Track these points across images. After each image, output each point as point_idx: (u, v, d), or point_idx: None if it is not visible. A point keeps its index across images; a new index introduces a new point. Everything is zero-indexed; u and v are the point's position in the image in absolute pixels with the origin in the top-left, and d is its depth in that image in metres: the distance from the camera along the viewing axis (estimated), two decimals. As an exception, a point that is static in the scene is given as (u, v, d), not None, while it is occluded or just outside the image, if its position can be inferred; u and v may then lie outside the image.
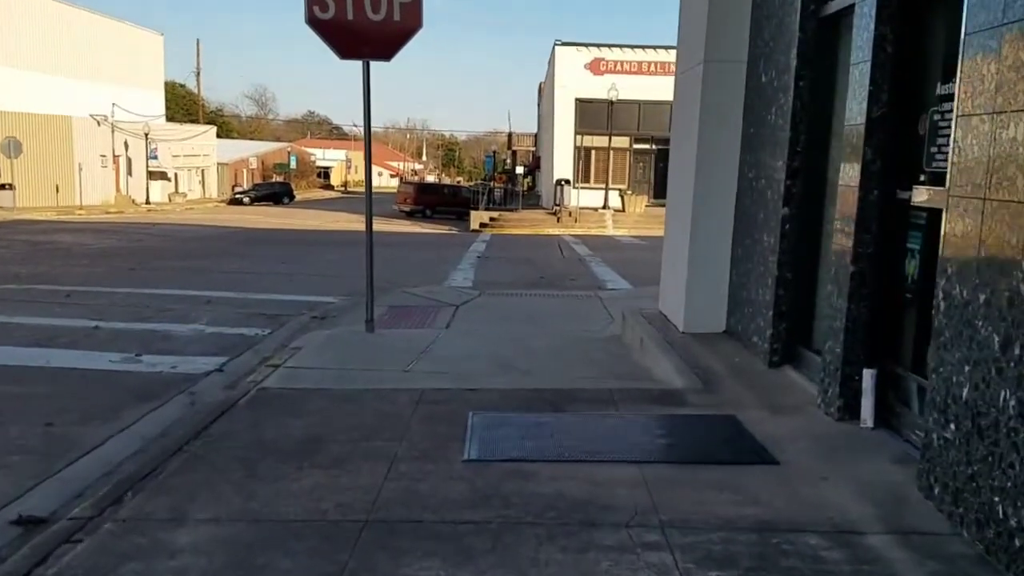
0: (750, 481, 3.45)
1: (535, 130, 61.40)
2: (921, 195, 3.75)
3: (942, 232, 3.22)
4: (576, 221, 28.04)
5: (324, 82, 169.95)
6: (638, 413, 4.43)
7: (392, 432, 4.05)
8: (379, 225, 29.66)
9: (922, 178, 3.86)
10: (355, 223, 30.99)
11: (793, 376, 5.03)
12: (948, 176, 3.21)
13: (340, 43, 6.79)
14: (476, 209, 30.76)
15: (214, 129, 56.37)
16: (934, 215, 3.80)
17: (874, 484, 3.39)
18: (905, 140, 3.98)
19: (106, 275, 12.09)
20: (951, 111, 3.32)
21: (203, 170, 54.13)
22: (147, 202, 41.16)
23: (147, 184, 42.79)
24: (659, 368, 5.57)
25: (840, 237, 4.26)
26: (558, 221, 28.31)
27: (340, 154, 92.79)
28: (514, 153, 61.40)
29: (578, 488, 3.37)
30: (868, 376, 4.06)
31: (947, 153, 3.29)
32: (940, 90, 3.70)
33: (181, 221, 27.90)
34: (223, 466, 3.63)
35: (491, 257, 16.21)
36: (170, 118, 57.28)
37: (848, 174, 4.22)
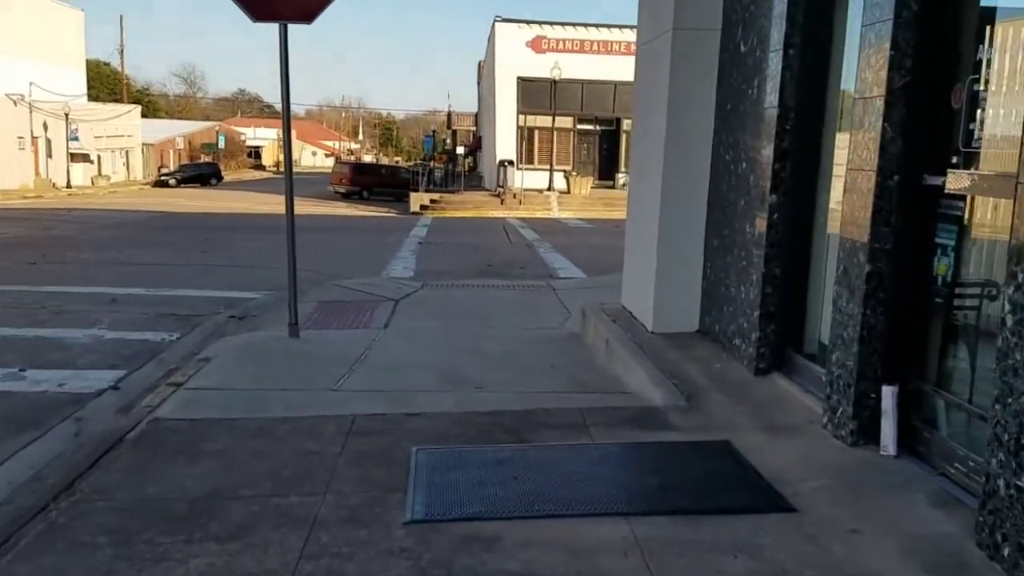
0: (767, 538, 2.76)
1: (475, 110, 60.29)
2: (960, 181, 3.09)
3: (1012, 229, 2.55)
4: (521, 203, 27.29)
5: (256, 59, 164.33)
6: (616, 442, 3.70)
7: (313, 481, 3.22)
8: (312, 207, 28.53)
9: (955, 160, 3.20)
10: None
11: (785, 386, 4.38)
12: (1021, 158, 2.54)
13: (253, 2, 5.82)
14: (416, 191, 29.69)
15: (138, 109, 53.67)
16: (974, 204, 3.16)
17: (919, 539, 2.73)
18: (933, 115, 3.32)
19: (3, 270, 10.80)
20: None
21: (127, 151, 51.62)
22: (68, 186, 38.74)
23: (68, 167, 40.30)
24: (632, 377, 4.86)
25: (852, 230, 3.59)
26: (502, 203, 27.53)
27: (272, 133, 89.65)
28: (454, 133, 60.26)
29: (554, 559, 2.62)
30: (888, 394, 3.41)
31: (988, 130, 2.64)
32: (985, 53, 3.04)
33: (101, 206, 26.09)
34: (88, 540, 2.76)
35: (433, 243, 15.34)
36: (94, 98, 54.14)
37: (860, 156, 3.54)
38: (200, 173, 50.87)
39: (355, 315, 7.79)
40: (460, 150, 60.59)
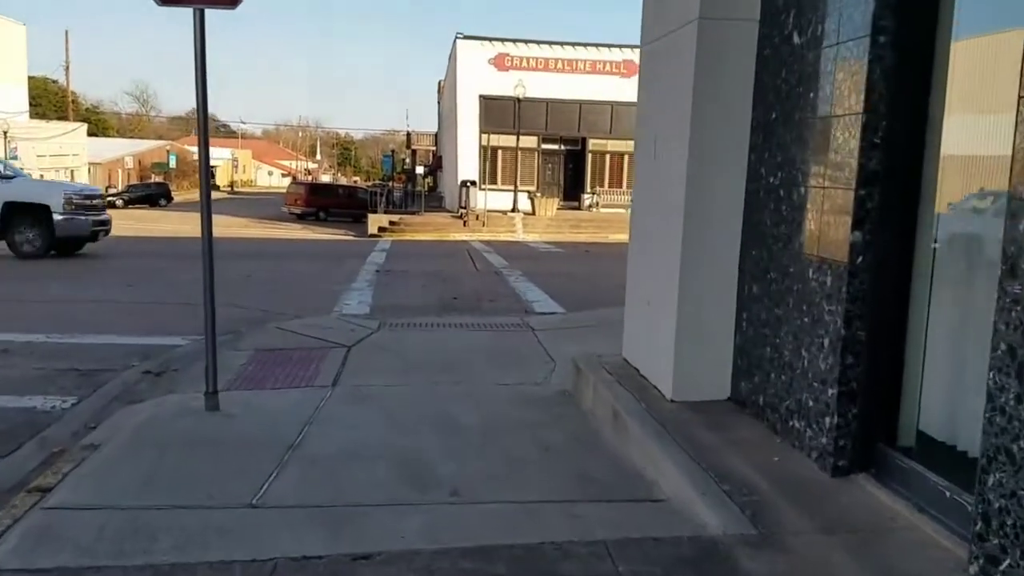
0: None
1: (435, 129, 59.16)
2: None
3: None
4: (484, 225, 26.10)
5: (211, 78, 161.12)
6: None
7: None
8: (265, 230, 26.96)
9: None
10: (237, 228, 27.95)
11: (883, 499, 3.18)
12: None
13: (159, -21, 4.52)
14: (374, 212, 28.33)
15: (84, 127, 51.45)
16: None
17: None
18: None
19: None
20: None
21: (72, 171, 49.42)
22: (3, 207, 36.47)
23: (5, 187, 37.99)
24: (661, 474, 3.62)
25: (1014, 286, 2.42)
26: (465, 225, 26.30)
27: (226, 153, 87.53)
28: (414, 153, 59.02)
29: None
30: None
31: None
32: None
33: (29, 228, 24.13)
34: None
35: (393, 271, 14.00)
36: (40, 115, 51.80)
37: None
38: (149, 193, 49.04)
39: (298, 368, 6.43)
40: (420, 170, 59.44)
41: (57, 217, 14.40)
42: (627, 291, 5.58)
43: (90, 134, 53.39)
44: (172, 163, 67.58)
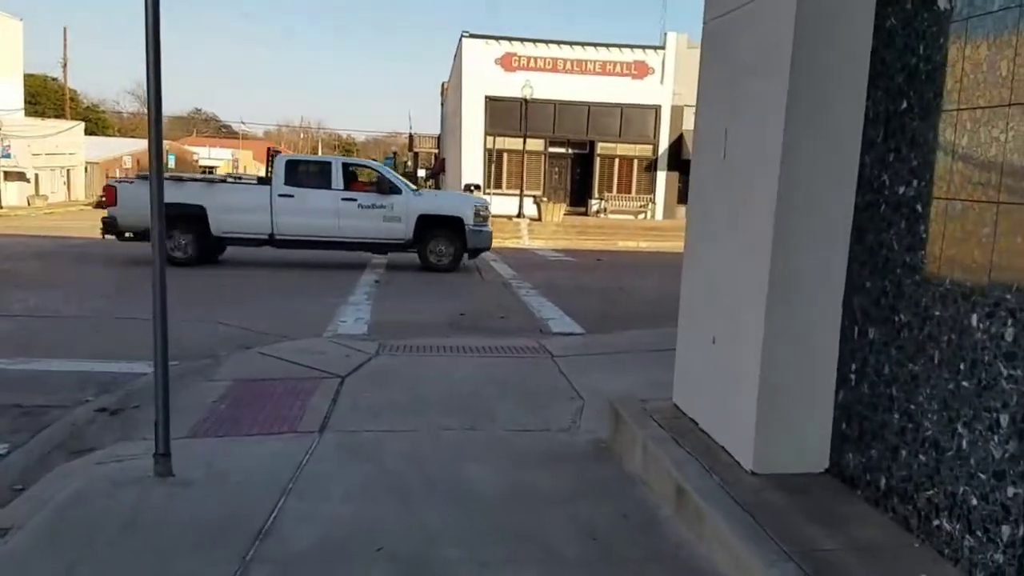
0: None
1: (438, 131, 58.22)
2: None
3: None
4: (488, 231, 25.06)
5: (212, 78, 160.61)
6: None
7: None
8: (260, 235, 25.85)
9: None
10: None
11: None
12: None
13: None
14: (375, 216, 27.30)
15: (81, 125, 50.47)
16: None
17: None
18: None
19: None
20: None
21: (69, 170, 48.55)
22: (-1, 206, 35.50)
23: (-1, 186, 37.05)
24: (765, 602, 2.61)
25: None
26: (468, 231, 25.27)
27: (226, 153, 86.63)
28: (416, 155, 58.15)
29: None
30: None
31: None
32: None
33: (24, 230, 23.13)
34: None
35: (392, 282, 12.97)
36: (39, 113, 50.80)
37: None
38: (146, 195, 47.95)
39: (281, 405, 5.42)
40: (422, 172, 58.51)
41: (469, 229, 14.28)
42: (681, 321, 4.57)
43: (89, 133, 52.46)
44: (171, 163, 66.71)
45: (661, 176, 29.85)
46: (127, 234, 14.14)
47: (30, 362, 6.59)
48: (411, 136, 58.01)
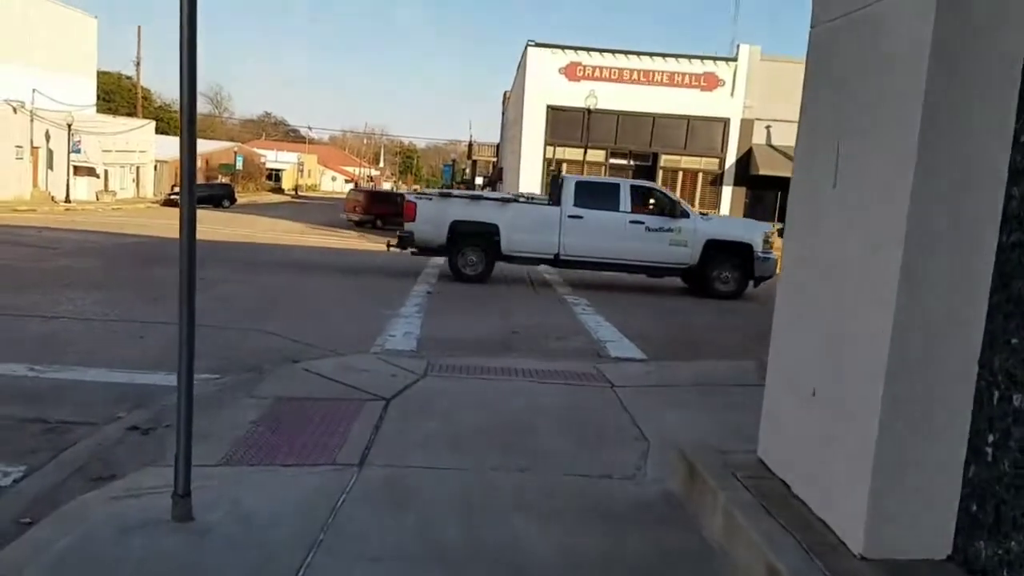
0: None
1: (497, 140, 58.13)
2: None
3: None
4: (546, 243, 24.59)
5: (283, 83, 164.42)
6: None
7: None
8: (319, 238, 26.01)
9: None
10: (293, 234, 27.11)
11: None
12: None
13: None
14: (432, 224, 27.08)
15: (152, 124, 51.77)
16: None
17: None
18: None
19: None
20: None
21: (138, 167, 49.83)
22: (67, 200, 36.53)
23: (69, 180, 38.10)
24: None
25: None
26: (525, 242, 24.84)
27: (293, 157, 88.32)
28: (474, 163, 58.14)
29: None
30: None
31: None
32: None
33: (87, 225, 23.66)
34: None
35: (444, 294, 12.60)
36: (113, 111, 52.40)
37: None
38: (212, 194, 49.02)
39: (321, 430, 5.04)
40: (479, 180, 58.46)
41: (757, 256, 14.01)
42: (771, 364, 4.00)
43: (160, 132, 53.78)
44: (239, 164, 68.15)
45: (727, 191, 28.91)
46: (411, 249, 14.49)
47: (63, 370, 6.36)
48: (470, 144, 58.02)
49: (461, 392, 6.15)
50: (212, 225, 29.32)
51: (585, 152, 26.97)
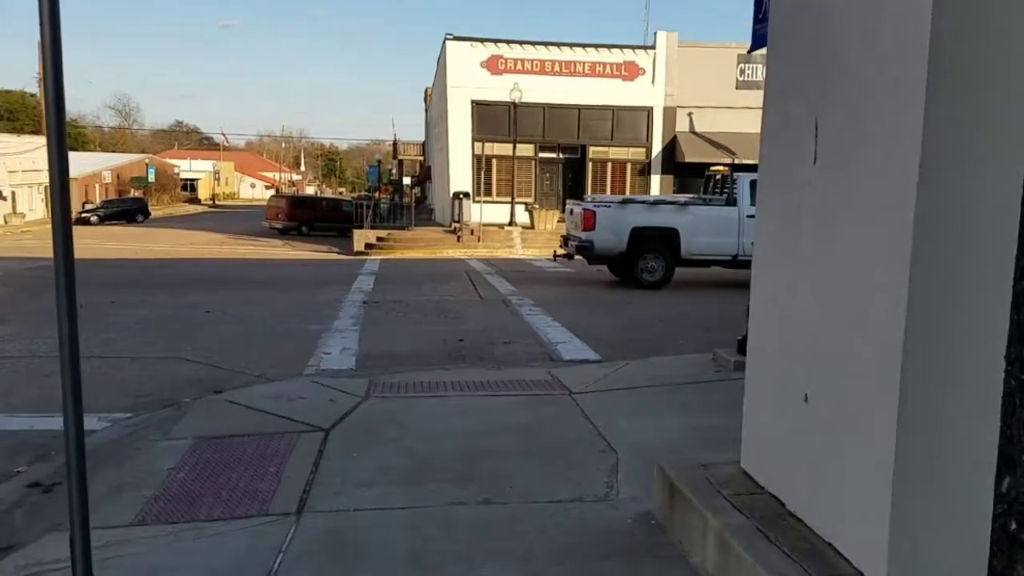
0: None
1: (423, 138, 57.29)
2: None
3: None
4: (480, 240, 24.14)
5: (194, 90, 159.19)
6: None
7: None
8: (241, 248, 24.86)
9: None
10: (212, 246, 25.92)
11: None
12: None
13: None
14: (360, 227, 26.32)
15: (59, 141, 48.99)
16: None
17: None
18: None
19: None
20: None
21: (47, 187, 47.19)
22: (-26, 225, 34.32)
23: (-26, 204, 35.91)
24: None
25: None
26: (459, 240, 24.34)
27: (208, 165, 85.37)
28: (400, 163, 57.11)
29: None
30: None
31: None
32: None
33: (-16, 251, 22.02)
34: None
35: (383, 301, 11.99)
36: (18, 130, 49.63)
37: None
38: (126, 209, 47.12)
39: (251, 473, 4.45)
40: (407, 180, 57.45)
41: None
42: (750, 366, 3.63)
43: (69, 149, 51.18)
44: (151, 177, 65.52)
45: (656, 180, 28.99)
46: (578, 257, 13.91)
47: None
48: (395, 144, 56.91)
49: (408, 414, 5.62)
50: (125, 242, 27.81)
51: (514, 147, 26.60)
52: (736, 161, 27.53)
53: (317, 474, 4.43)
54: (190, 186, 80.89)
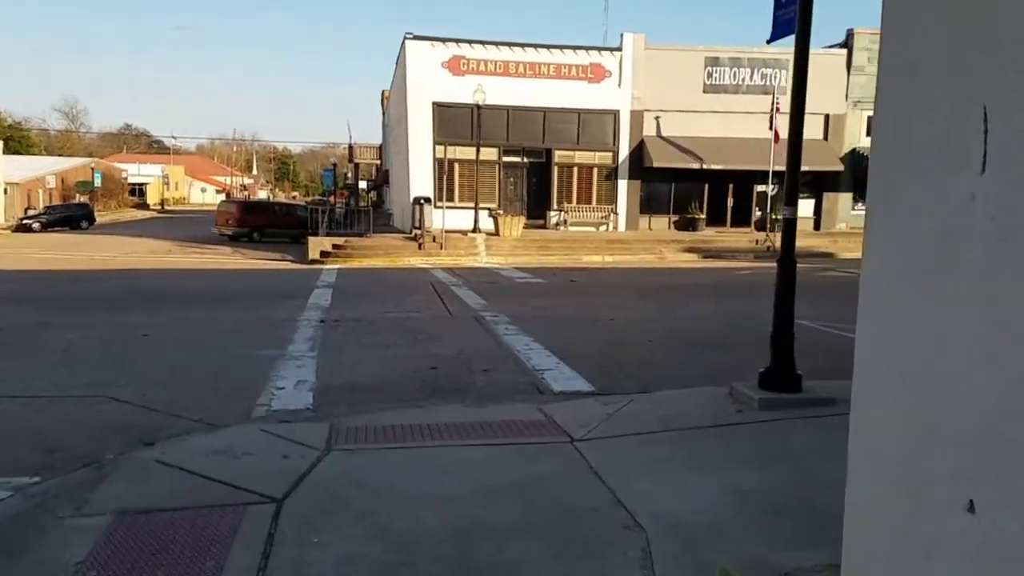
0: None
1: (379, 141, 55.90)
2: None
3: None
4: (443, 248, 23.12)
5: (144, 92, 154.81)
6: None
7: None
8: (189, 257, 23.29)
9: None
10: (157, 255, 24.38)
11: None
12: None
13: None
14: (315, 234, 25.05)
15: (-1, 144, 46.73)
16: None
17: None
18: None
19: None
20: None
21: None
22: (-97, 234, 32.07)
23: (-97, 211, 33.57)
24: None
25: None
26: (420, 248, 23.28)
27: (156, 169, 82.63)
28: (356, 166, 55.62)
29: None
30: None
31: None
32: None
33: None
34: None
35: (343, 320, 10.89)
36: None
37: None
38: (69, 215, 44.89)
39: (180, 571, 3.41)
40: (363, 184, 56.01)
41: None
42: (856, 443, 2.71)
43: (12, 152, 48.74)
44: (98, 182, 62.89)
45: (623, 185, 28.28)
46: None
47: None
48: (351, 147, 55.33)
49: (381, 475, 4.61)
50: (65, 251, 26.07)
51: (478, 151, 25.62)
52: (704, 167, 27.14)
53: (266, 571, 3.42)
54: (139, 191, 78.09)
